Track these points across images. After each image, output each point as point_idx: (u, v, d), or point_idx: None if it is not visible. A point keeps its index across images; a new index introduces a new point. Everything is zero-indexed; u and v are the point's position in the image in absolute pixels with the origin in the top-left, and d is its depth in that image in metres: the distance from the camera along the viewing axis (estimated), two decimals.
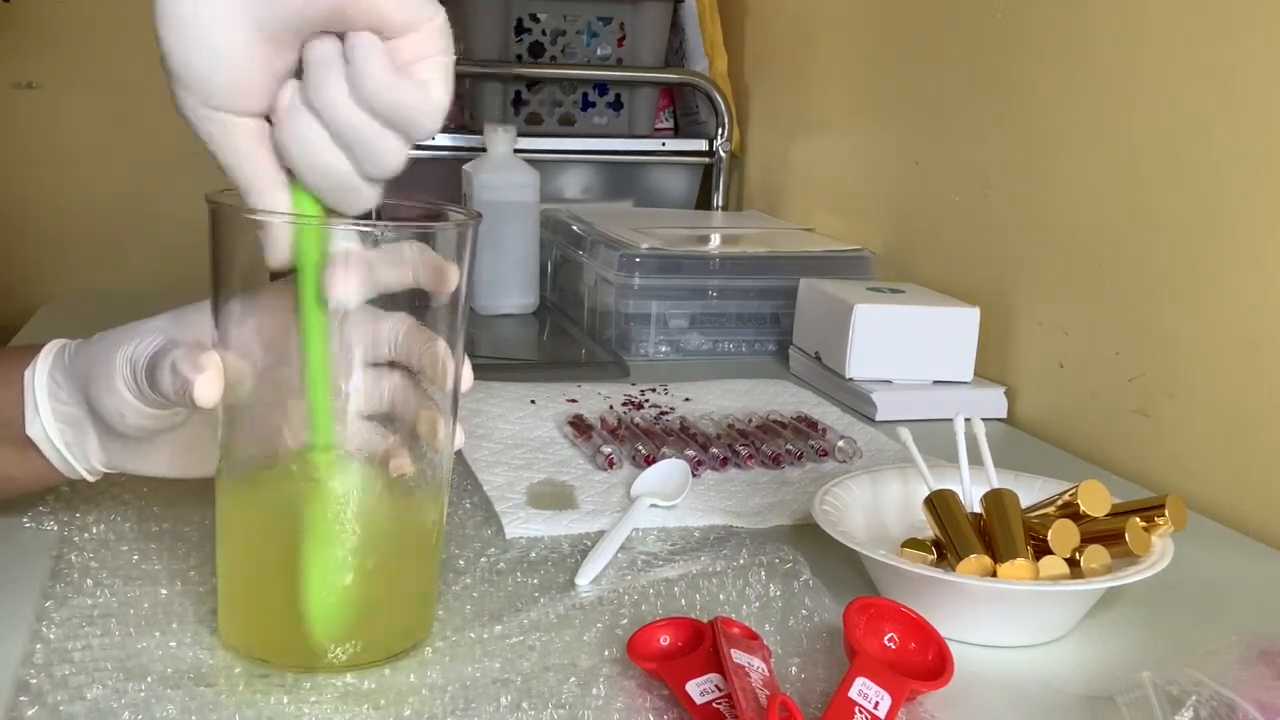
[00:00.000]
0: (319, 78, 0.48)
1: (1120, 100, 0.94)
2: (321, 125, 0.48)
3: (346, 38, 0.48)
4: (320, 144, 0.48)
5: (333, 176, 0.49)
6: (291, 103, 0.49)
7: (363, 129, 0.48)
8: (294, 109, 0.48)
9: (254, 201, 0.50)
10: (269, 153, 0.50)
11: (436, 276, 0.53)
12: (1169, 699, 0.50)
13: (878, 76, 1.32)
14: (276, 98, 0.49)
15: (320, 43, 0.48)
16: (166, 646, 0.55)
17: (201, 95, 0.48)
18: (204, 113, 0.49)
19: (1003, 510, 0.64)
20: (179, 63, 0.48)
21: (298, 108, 0.48)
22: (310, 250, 0.50)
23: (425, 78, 0.48)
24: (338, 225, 0.51)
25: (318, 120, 0.48)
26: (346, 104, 0.48)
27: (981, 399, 1.05)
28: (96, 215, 1.78)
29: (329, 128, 0.48)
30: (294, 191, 0.50)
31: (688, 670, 0.53)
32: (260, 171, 0.50)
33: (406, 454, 0.55)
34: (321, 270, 0.50)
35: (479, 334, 1.26)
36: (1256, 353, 0.82)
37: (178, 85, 0.48)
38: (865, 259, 1.26)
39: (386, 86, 0.47)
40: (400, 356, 0.55)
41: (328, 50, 0.48)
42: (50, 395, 0.60)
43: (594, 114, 1.61)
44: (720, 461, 0.86)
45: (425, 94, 0.48)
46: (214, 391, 0.53)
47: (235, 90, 0.48)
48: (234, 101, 0.48)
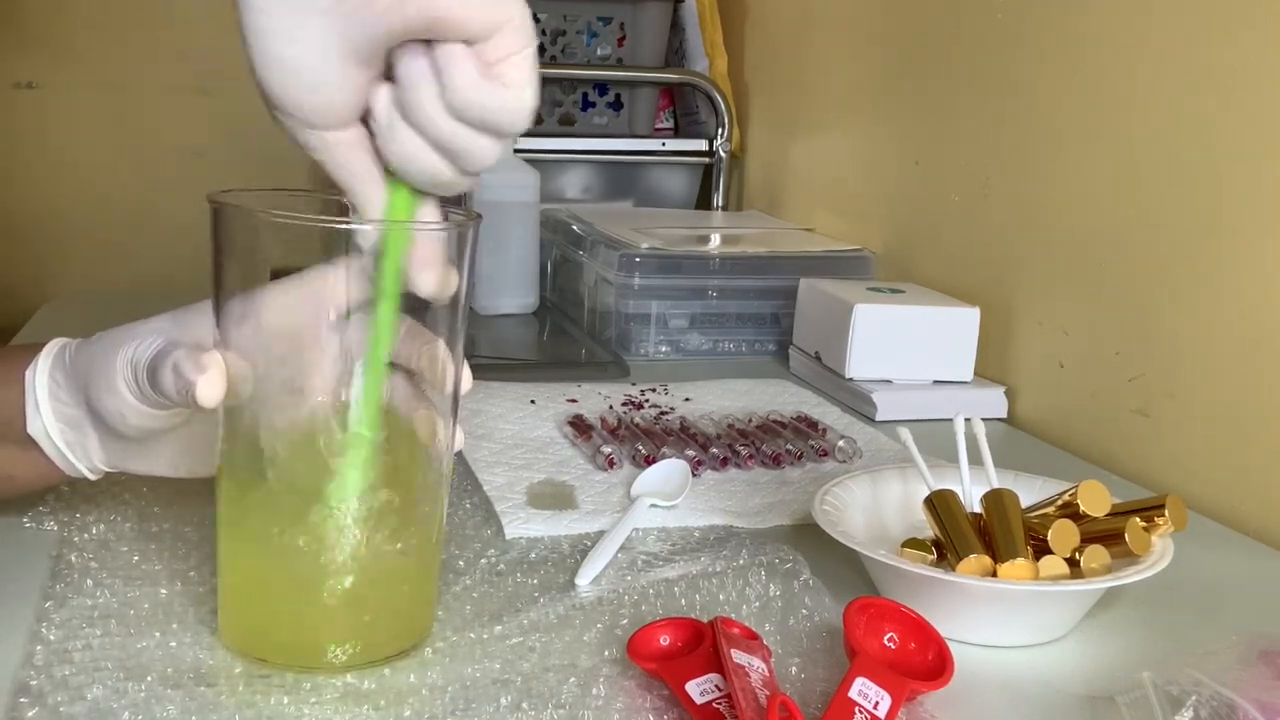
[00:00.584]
0: (412, 93, 0.49)
1: (1120, 100, 0.94)
2: (420, 137, 0.50)
3: (435, 49, 0.49)
4: (421, 154, 0.51)
5: (434, 178, 0.52)
6: (390, 119, 0.50)
7: (459, 138, 0.50)
8: (394, 125, 0.50)
9: (353, 199, 0.52)
10: (367, 156, 0.52)
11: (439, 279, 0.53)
12: (1169, 699, 0.50)
13: (878, 76, 1.32)
14: (372, 106, 0.51)
15: (410, 55, 0.49)
16: (166, 646, 0.55)
17: (301, 119, 0.50)
18: (304, 132, 0.51)
19: (1003, 510, 0.64)
20: (276, 92, 0.49)
21: (395, 122, 0.50)
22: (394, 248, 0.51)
23: (511, 79, 0.49)
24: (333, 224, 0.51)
25: (416, 132, 0.50)
26: (442, 117, 0.49)
27: (981, 399, 1.05)
28: (96, 215, 1.78)
29: (427, 140, 0.50)
30: (391, 184, 0.52)
31: (688, 670, 0.53)
32: (360, 174, 0.52)
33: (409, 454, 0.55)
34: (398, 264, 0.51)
35: (479, 334, 1.26)
36: (1256, 353, 0.82)
37: (276, 110, 0.50)
38: (865, 259, 1.26)
39: (478, 99, 0.49)
40: (400, 357, 0.55)
41: (417, 64, 0.49)
42: (51, 395, 0.60)
43: (594, 114, 1.61)
44: (720, 461, 0.86)
45: (514, 97, 0.50)
46: (216, 392, 0.53)
47: (334, 111, 0.50)
48: (331, 120, 0.50)
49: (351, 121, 0.51)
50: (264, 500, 0.54)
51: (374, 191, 0.52)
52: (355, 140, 0.51)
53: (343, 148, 0.51)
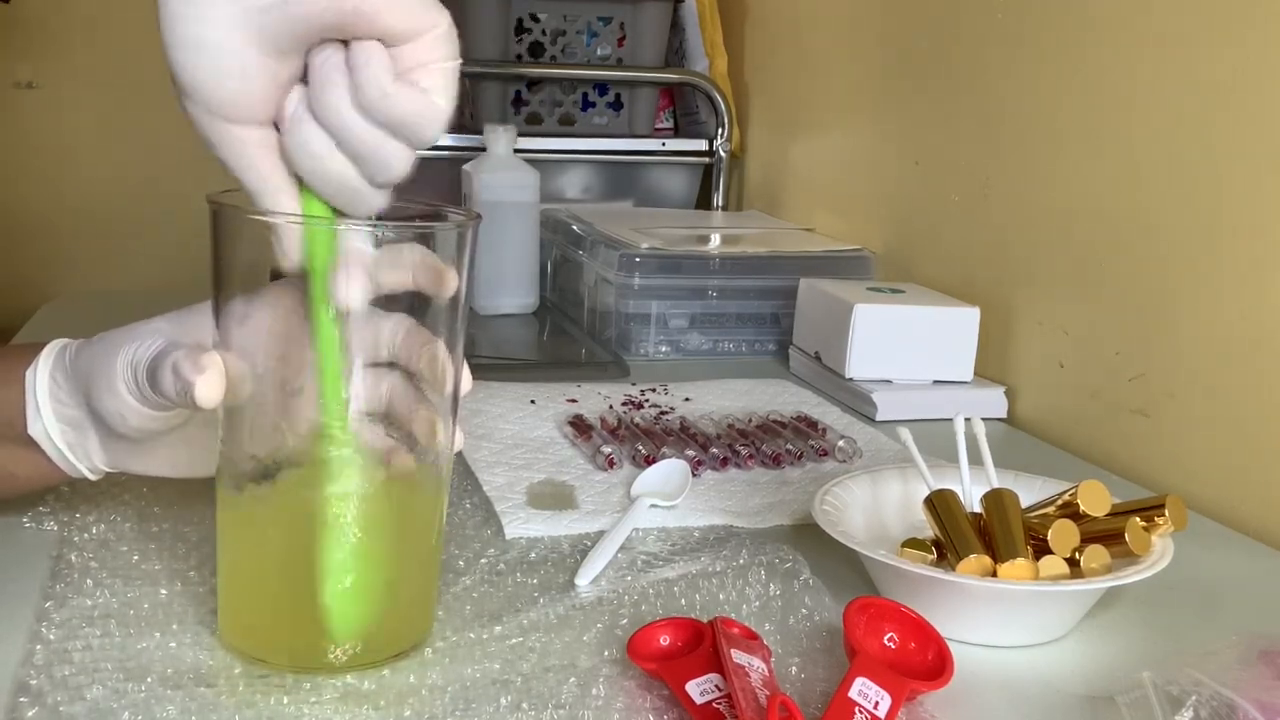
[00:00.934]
0: (322, 87, 0.48)
1: (1120, 100, 0.94)
2: (326, 134, 0.49)
3: (350, 46, 0.48)
4: (325, 152, 0.49)
5: (339, 183, 0.50)
6: (296, 112, 0.49)
7: (366, 137, 0.48)
8: (299, 118, 0.49)
9: (262, 203, 0.51)
10: (276, 159, 0.50)
11: (436, 278, 0.53)
12: (1169, 699, 0.50)
13: (878, 76, 1.32)
14: (282, 105, 0.49)
15: (323, 51, 0.48)
16: (166, 647, 0.55)
17: (208, 106, 0.49)
18: (211, 123, 0.49)
19: (1003, 510, 0.64)
20: (186, 77, 0.48)
21: (303, 117, 0.49)
22: (320, 252, 0.50)
23: (428, 85, 0.48)
24: (337, 226, 0.51)
25: (322, 129, 0.49)
26: (350, 113, 0.48)
27: (981, 399, 1.05)
28: (96, 215, 1.78)
29: (333, 136, 0.49)
30: (303, 195, 0.51)
31: (688, 670, 0.53)
32: (268, 177, 0.50)
33: (408, 453, 0.55)
34: (329, 272, 0.50)
35: (479, 334, 1.26)
36: (1256, 353, 0.82)
37: (185, 97, 0.49)
38: (865, 259, 1.26)
39: (388, 95, 0.47)
40: (399, 358, 0.55)
41: (331, 59, 0.48)
42: (51, 396, 0.60)
43: (594, 114, 1.61)
44: (720, 461, 0.86)
45: (428, 102, 0.48)
46: (215, 392, 0.53)
47: (242, 103, 0.48)
48: (241, 113, 0.49)
49: (261, 118, 0.49)
50: (264, 500, 0.54)
51: (283, 199, 0.51)
52: (263, 140, 0.50)
53: (250, 146, 0.49)
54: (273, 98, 0.49)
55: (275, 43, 0.47)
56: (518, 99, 1.56)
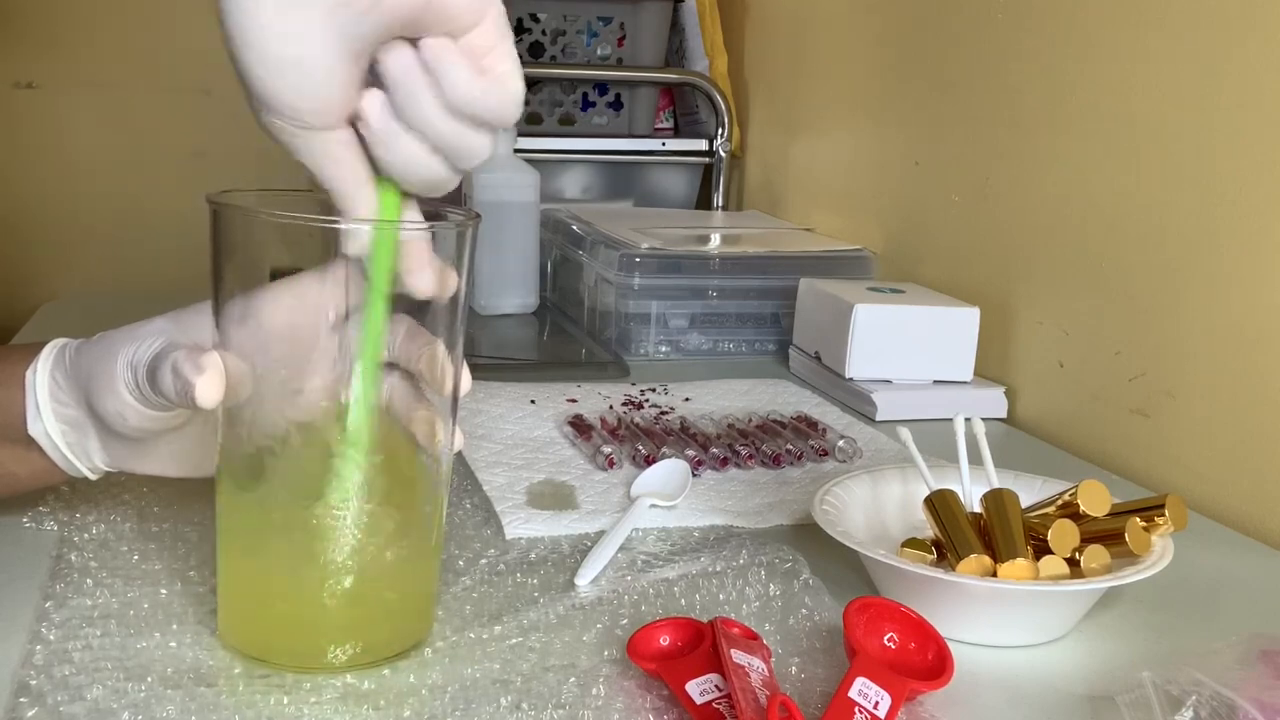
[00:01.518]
0: (409, 94, 0.49)
1: (1120, 100, 0.94)
2: (417, 138, 0.50)
3: (421, 46, 0.48)
4: (425, 158, 0.50)
5: (430, 178, 0.51)
6: (387, 123, 0.50)
7: (457, 135, 0.50)
8: (393, 130, 0.50)
9: (342, 202, 0.51)
10: (356, 157, 0.51)
11: (436, 279, 0.53)
12: (1169, 699, 0.50)
13: (878, 76, 1.32)
14: (365, 112, 0.50)
15: (399, 54, 0.49)
16: (166, 646, 0.55)
17: (288, 118, 0.49)
18: (296, 133, 0.50)
19: (1003, 510, 0.64)
20: (263, 88, 0.48)
21: (395, 129, 0.50)
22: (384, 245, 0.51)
23: (501, 70, 0.49)
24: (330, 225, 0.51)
25: (413, 134, 0.50)
26: (441, 117, 0.49)
27: (981, 399, 1.05)
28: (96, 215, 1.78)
29: (426, 140, 0.50)
30: (380, 186, 0.52)
31: (688, 670, 0.53)
32: (351, 177, 0.51)
33: (409, 456, 0.55)
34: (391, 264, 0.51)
35: (479, 334, 1.26)
36: (1257, 353, 0.82)
37: (263, 108, 0.49)
38: (865, 259, 1.26)
39: (476, 94, 0.49)
40: (399, 358, 0.55)
41: (408, 63, 0.49)
42: (51, 396, 0.60)
43: (594, 114, 1.61)
44: (720, 461, 0.86)
45: (508, 88, 0.50)
46: (215, 392, 0.53)
47: (326, 111, 0.49)
48: (325, 121, 0.49)
49: (343, 121, 0.50)
50: (264, 500, 0.54)
51: (364, 193, 0.51)
52: (346, 141, 0.51)
53: (335, 148, 0.50)
54: (350, 101, 0.50)
55: (358, 47, 0.48)
56: None
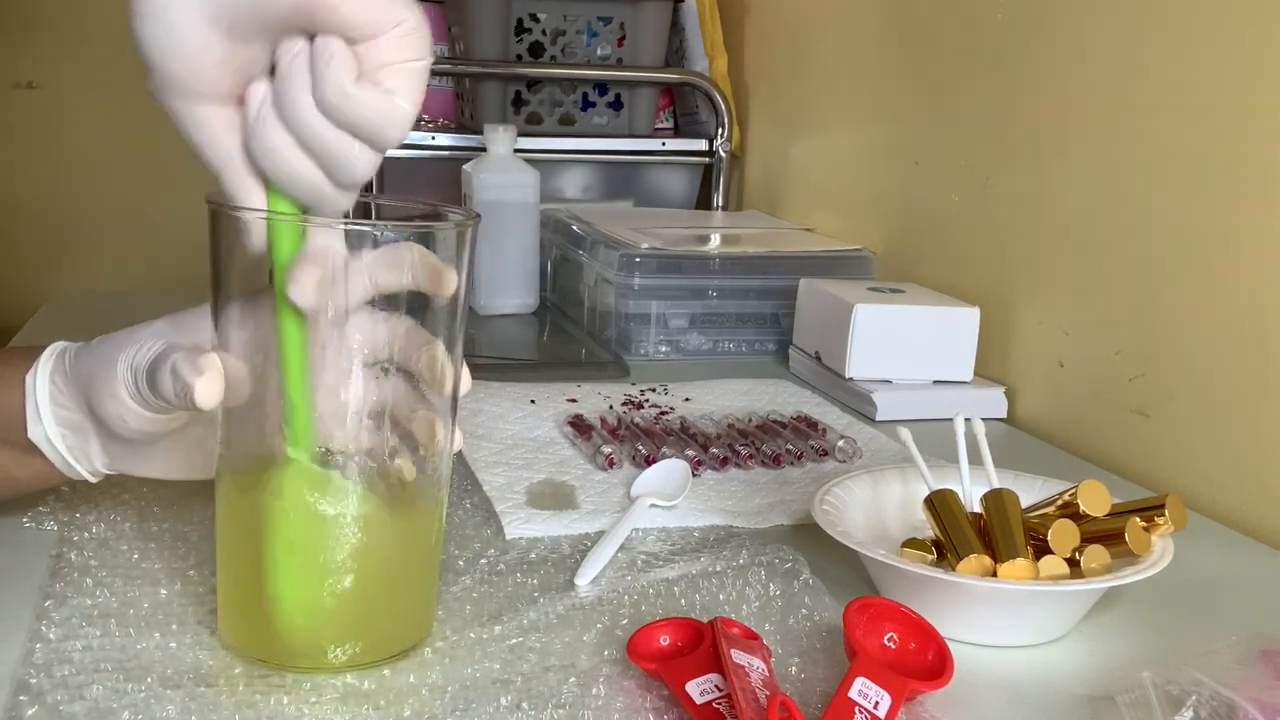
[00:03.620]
0: (284, 85, 0.48)
1: (1120, 100, 0.94)
2: (289, 133, 0.48)
3: (314, 41, 0.47)
4: (288, 152, 0.48)
5: (304, 183, 0.49)
6: (260, 110, 0.48)
7: (329, 138, 0.48)
8: (262, 117, 0.48)
9: (226, 187, 0.50)
10: (239, 139, 0.50)
11: (435, 278, 0.53)
12: (1169, 699, 0.50)
13: (878, 76, 1.32)
14: (246, 98, 0.49)
15: (288, 46, 0.48)
16: (166, 646, 0.55)
17: (166, 82, 0.48)
18: (171, 100, 0.49)
19: (1003, 510, 0.64)
20: (146, 49, 0.48)
21: (266, 116, 0.48)
22: (283, 247, 0.50)
23: (392, 85, 0.47)
24: (329, 224, 0.51)
25: (285, 128, 0.48)
26: (311, 113, 0.47)
27: (981, 399, 1.05)
28: (97, 215, 1.78)
29: (296, 136, 0.48)
30: (270, 194, 0.50)
31: (688, 670, 0.53)
32: (231, 159, 0.50)
33: (408, 456, 0.55)
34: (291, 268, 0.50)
35: (479, 334, 1.26)
36: (1256, 353, 0.82)
37: (149, 73, 0.49)
38: (865, 259, 1.26)
39: (348, 96, 0.47)
40: (399, 358, 0.55)
41: (294, 56, 0.47)
42: (51, 400, 0.60)
43: (594, 114, 1.61)
44: (720, 461, 0.86)
45: (390, 103, 0.47)
46: (215, 394, 0.53)
47: (196, 76, 0.48)
48: (196, 88, 0.48)
49: (223, 98, 0.49)
50: (264, 501, 0.54)
51: (248, 184, 0.50)
52: (228, 121, 0.49)
53: (212, 126, 0.49)
54: (229, 79, 0.48)
55: (234, 23, 0.47)
56: (518, 99, 1.56)
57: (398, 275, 0.53)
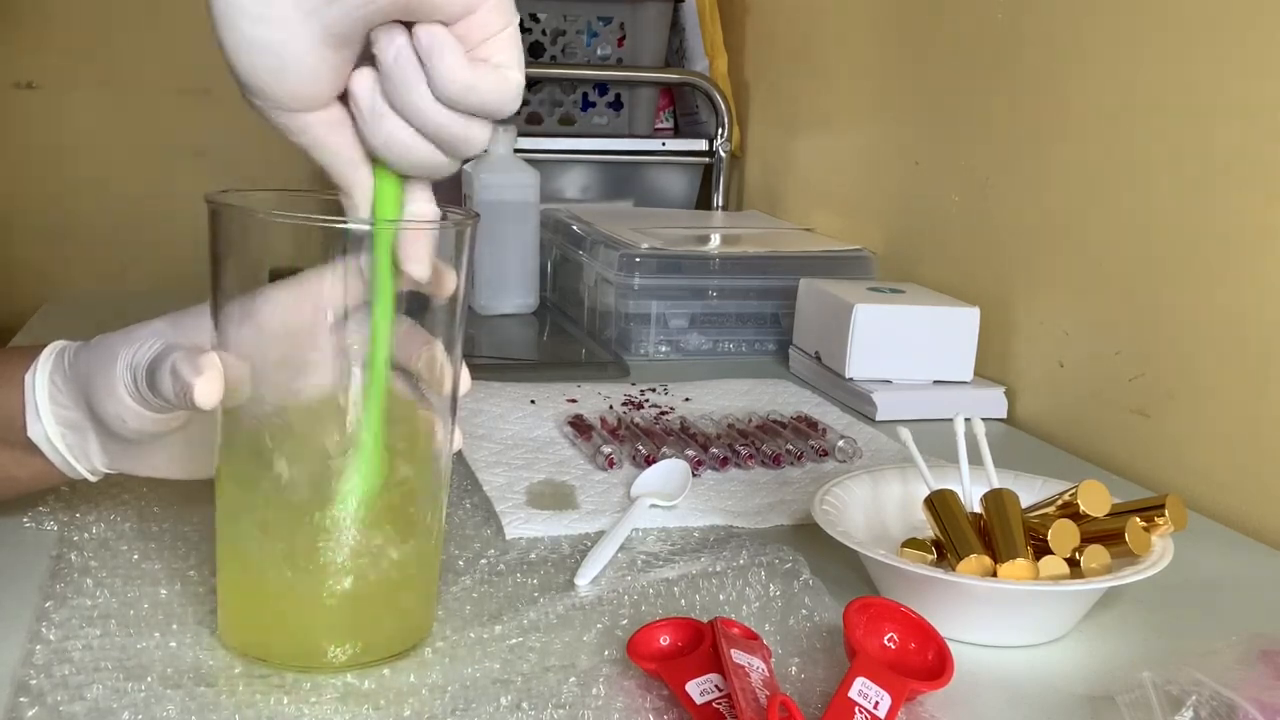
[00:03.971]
0: (399, 81, 0.48)
1: (1120, 100, 0.94)
2: (408, 124, 0.49)
3: (415, 31, 0.47)
4: (411, 142, 0.49)
5: (424, 164, 0.50)
6: (374, 105, 0.49)
7: (450, 124, 0.49)
8: (379, 113, 0.49)
9: (338, 182, 0.51)
10: (348, 137, 0.50)
11: (435, 278, 0.53)
12: (1169, 699, 0.50)
13: (878, 76, 1.32)
14: (354, 91, 0.49)
15: (390, 39, 0.48)
16: (166, 646, 0.55)
17: (276, 104, 0.49)
18: (280, 115, 0.49)
19: (1003, 510, 0.64)
20: (242, 72, 0.48)
21: (383, 111, 0.49)
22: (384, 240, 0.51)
23: (499, 60, 0.48)
24: (330, 224, 0.51)
25: (403, 120, 0.49)
26: (432, 105, 0.48)
27: (981, 399, 1.05)
28: (97, 215, 1.78)
29: (417, 128, 0.49)
30: (377, 169, 0.51)
31: (688, 670, 0.53)
32: (342, 156, 0.51)
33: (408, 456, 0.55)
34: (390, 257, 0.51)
35: (479, 334, 1.26)
36: (1256, 352, 0.82)
37: (248, 92, 0.49)
38: (865, 259, 1.26)
39: (468, 84, 0.47)
40: (399, 358, 0.55)
41: (400, 49, 0.48)
42: (51, 399, 0.60)
43: (594, 114, 1.61)
44: (720, 461, 0.86)
45: (505, 79, 0.48)
46: (214, 393, 0.53)
47: (308, 94, 0.49)
48: (308, 104, 0.49)
49: (329, 103, 0.49)
50: (263, 501, 0.54)
51: (358, 174, 0.51)
52: (335, 121, 0.50)
53: (322, 129, 0.50)
54: (336, 84, 0.49)
55: (338, 34, 0.47)
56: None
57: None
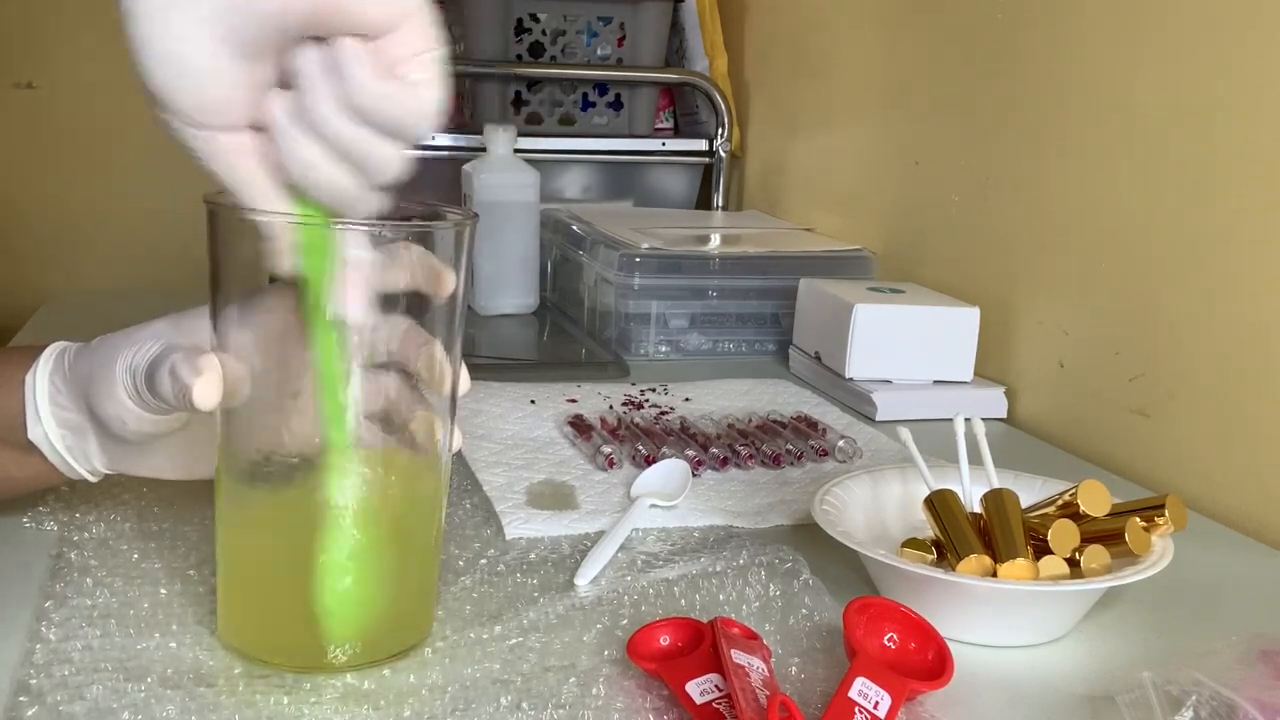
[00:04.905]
0: (308, 94, 0.46)
1: (1120, 100, 0.94)
2: (316, 141, 0.47)
3: (331, 45, 0.46)
4: (318, 161, 0.47)
5: (334, 189, 0.48)
6: (281, 121, 0.47)
7: (360, 142, 0.47)
8: (285, 128, 0.47)
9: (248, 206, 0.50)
10: (256, 163, 0.48)
11: (434, 278, 0.53)
12: (1169, 699, 0.50)
13: (878, 76, 1.32)
14: (264, 110, 0.47)
15: (304, 54, 0.46)
16: (166, 646, 0.55)
17: (183, 116, 0.47)
18: (186, 131, 0.47)
19: (1003, 510, 0.64)
20: (155, 84, 0.46)
21: (289, 126, 0.47)
22: (316, 256, 0.49)
23: (416, 78, 0.46)
24: (335, 226, 0.51)
25: (312, 137, 0.47)
26: (340, 119, 0.46)
27: (981, 399, 1.04)
28: (97, 215, 1.78)
29: (326, 145, 0.47)
30: (299, 203, 0.50)
31: (688, 670, 0.53)
32: (251, 182, 0.49)
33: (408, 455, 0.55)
34: (328, 281, 0.49)
35: (479, 334, 1.26)
36: (1256, 352, 0.82)
37: (157, 107, 0.47)
38: (865, 259, 1.26)
39: (379, 97, 0.46)
40: (397, 358, 0.55)
41: (313, 63, 0.46)
42: (51, 400, 0.60)
43: (594, 114, 1.61)
44: (720, 461, 0.86)
45: (418, 96, 0.46)
46: (213, 394, 0.53)
47: (216, 108, 0.47)
48: (216, 119, 0.47)
49: (238, 123, 0.48)
50: (263, 501, 0.54)
51: (270, 200, 0.49)
52: (243, 146, 0.48)
53: (230, 153, 0.48)
54: (249, 101, 0.47)
55: (246, 45, 0.45)
56: (518, 99, 1.56)
57: (397, 275, 0.53)
